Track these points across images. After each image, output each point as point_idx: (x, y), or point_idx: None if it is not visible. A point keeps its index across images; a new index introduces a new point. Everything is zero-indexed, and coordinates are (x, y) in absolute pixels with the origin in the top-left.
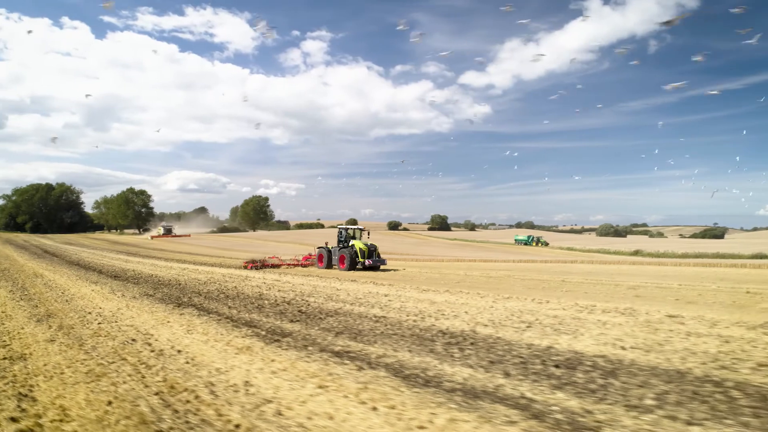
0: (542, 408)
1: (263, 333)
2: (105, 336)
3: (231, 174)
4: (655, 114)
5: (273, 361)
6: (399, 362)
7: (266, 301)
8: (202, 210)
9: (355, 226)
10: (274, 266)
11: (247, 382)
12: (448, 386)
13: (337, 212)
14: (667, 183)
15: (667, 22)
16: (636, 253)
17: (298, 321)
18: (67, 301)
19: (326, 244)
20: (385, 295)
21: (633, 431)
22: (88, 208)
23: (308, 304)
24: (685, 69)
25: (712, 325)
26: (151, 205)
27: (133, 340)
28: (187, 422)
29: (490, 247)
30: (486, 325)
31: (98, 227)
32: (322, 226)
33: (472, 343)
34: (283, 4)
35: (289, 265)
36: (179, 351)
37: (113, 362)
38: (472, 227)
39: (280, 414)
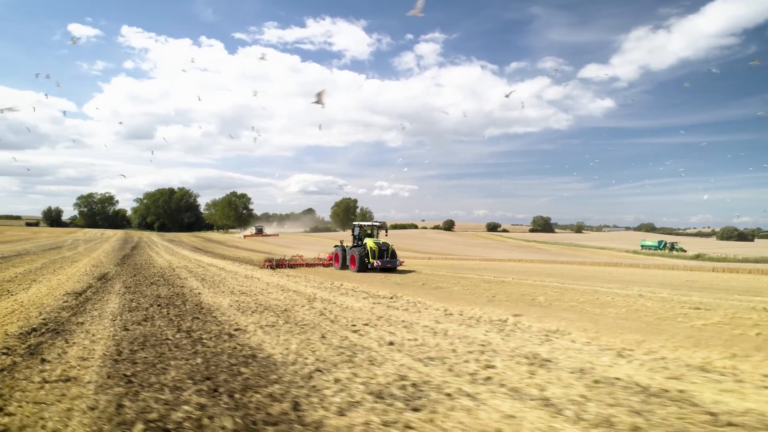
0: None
1: (97, 286)
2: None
3: (348, 176)
4: None
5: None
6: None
7: (157, 277)
8: (309, 211)
9: (371, 223)
10: (291, 266)
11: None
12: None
13: (450, 213)
14: None
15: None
16: (697, 257)
17: (130, 285)
18: (47, 273)
19: (341, 242)
20: (235, 273)
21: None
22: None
23: (172, 279)
24: None
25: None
26: (251, 206)
27: (8, 291)
28: None
29: (554, 250)
30: (199, 293)
31: (210, 227)
32: (415, 227)
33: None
34: (396, 9)
35: (308, 264)
36: (9, 290)
37: None
38: (578, 230)
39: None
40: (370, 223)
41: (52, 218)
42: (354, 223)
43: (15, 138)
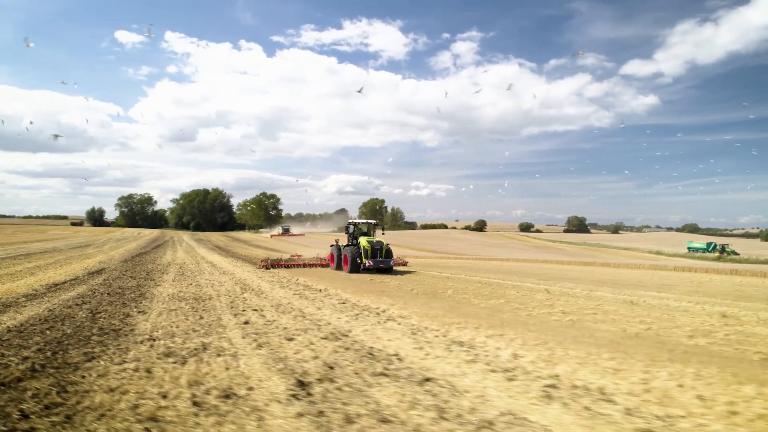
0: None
1: (82, 279)
2: None
3: (384, 176)
4: None
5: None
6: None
7: (144, 272)
8: (342, 211)
9: (366, 221)
10: (289, 266)
11: None
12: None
13: (488, 213)
14: None
15: None
16: (718, 258)
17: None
18: (51, 268)
19: (336, 242)
20: (218, 269)
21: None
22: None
23: (155, 273)
24: None
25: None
26: (280, 206)
27: None
28: None
29: (572, 251)
30: (158, 285)
31: (242, 227)
32: (445, 227)
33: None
34: (433, 7)
35: (306, 265)
36: None
37: None
38: (615, 230)
39: None
40: (365, 221)
41: (95, 218)
42: (349, 220)
43: (66, 141)
